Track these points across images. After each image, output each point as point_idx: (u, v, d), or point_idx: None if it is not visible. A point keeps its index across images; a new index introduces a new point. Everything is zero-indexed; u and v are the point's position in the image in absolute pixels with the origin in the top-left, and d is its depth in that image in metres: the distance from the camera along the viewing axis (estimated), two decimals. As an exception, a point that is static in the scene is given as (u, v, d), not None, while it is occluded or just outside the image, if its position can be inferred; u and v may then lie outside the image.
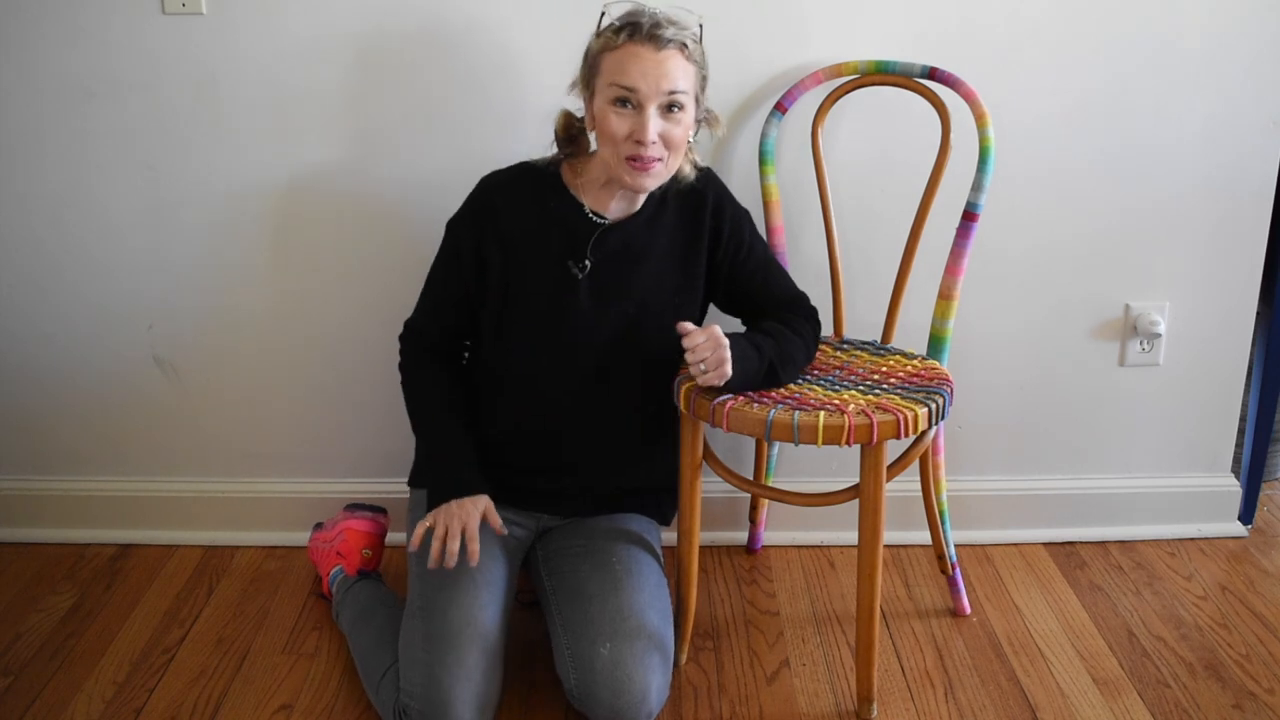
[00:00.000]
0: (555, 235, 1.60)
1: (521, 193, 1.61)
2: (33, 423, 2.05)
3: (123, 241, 1.93)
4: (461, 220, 1.63)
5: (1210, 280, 1.98)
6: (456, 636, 1.48)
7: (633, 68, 1.46)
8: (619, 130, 1.48)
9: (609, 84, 1.48)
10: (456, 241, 1.63)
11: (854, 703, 1.66)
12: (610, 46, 1.48)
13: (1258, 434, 2.11)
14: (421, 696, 1.45)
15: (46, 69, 1.83)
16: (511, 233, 1.59)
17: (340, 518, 1.88)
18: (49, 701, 1.66)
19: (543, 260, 1.60)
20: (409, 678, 1.48)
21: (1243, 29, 1.84)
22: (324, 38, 1.81)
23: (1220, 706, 1.64)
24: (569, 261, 1.60)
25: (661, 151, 1.49)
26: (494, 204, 1.60)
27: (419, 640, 1.50)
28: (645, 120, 1.46)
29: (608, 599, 1.55)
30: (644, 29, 1.46)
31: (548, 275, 1.60)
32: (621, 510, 1.73)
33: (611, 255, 1.61)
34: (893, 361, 1.69)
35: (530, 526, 1.72)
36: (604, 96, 1.49)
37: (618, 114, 1.48)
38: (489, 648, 1.51)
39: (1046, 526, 2.10)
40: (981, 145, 1.68)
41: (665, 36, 1.46)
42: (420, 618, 1.52)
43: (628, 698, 1.47)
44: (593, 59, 1.51)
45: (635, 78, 1.46)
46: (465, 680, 1.46)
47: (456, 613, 1.51)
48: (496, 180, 1.63)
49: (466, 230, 1.61)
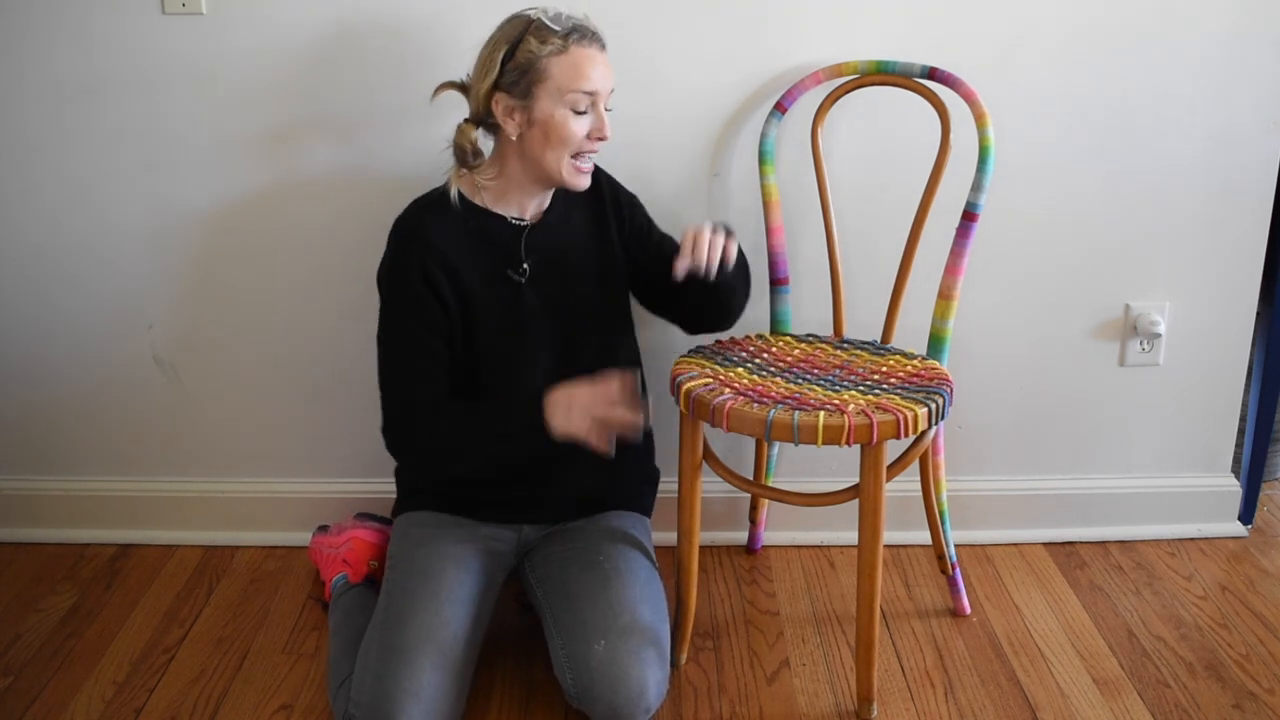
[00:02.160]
0: (485, 250, 1.59)
1: (438, 220, 1.58)
2: (33, 423, 2.05)
3: (122, 241, 1.93)
4: (396, 262, 1.58)
5: (1210, 280, 1.98)
6: (411, 651, 1.46)
7: (591, 70, 1.50)
8: (578, 132, 1.51)
9: (567, 89, 1.49)
10: (404, 281, 1.56)
11: (854, 703, 1.66)
12: (559, 51, 1.48)
13: (1258, 434, 2.11)
14: (368, 708, 1.43)
15: (46, 68, 1.83)
16: (447, 259, 1.56)
17: (349, 525, 1.88)
18: (49, 701, 1.66)
19: (484, 277, 1.59)
20: (359, 688, 1.46)
21: (1243, 29, 1.84)
22: (324, 37, 1.81)
23: (1220, 706, 1.64)
24: (508, 271, 1.60)
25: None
26: (421, 236, 1.56)
27: (375, 651, 1.48)
28: (603, 117, 1.53)
29: (598, 597, 1.55)
30: (588, 32, 1.50)
31: (493, 290, 1.60)
32: (603, 509, 1.73)
33: (544, 254, 1.63)
34: (893, 361, 1.69)
35: (511, 539, 1.71)
36: (558, 101, 1.50)
37: (576, 117, 1.51)
38: (447, 664, 1.48)
39: (1046, 526, 2.10)
40: (981, 145, 1.68)
41: (600, 38, 1.52)
42: (380, 629, 1.52)
43: (625, 694, 1.47)
44: (533, 65, 1.49)
45: (596, 80, 1.50)
46: (413, 697, 1.43)
47: (415, 627, 1.49)
48: (409, 218, 1.60)
49: (407, 266, 1.56)
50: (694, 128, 1.86)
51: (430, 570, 1.57)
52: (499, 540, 1.69)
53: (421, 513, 1.70)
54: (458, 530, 1.66)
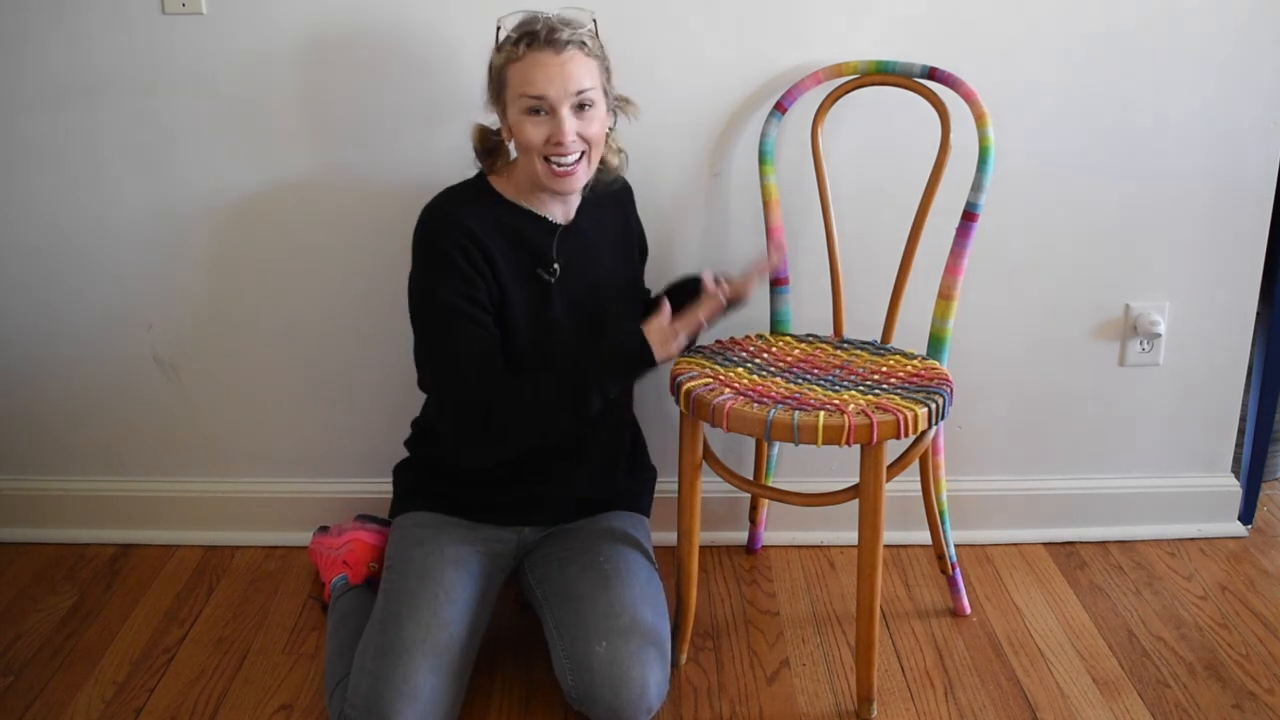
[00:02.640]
0: (518, 245, 1.58)
1: (471, 209, 1.57)
2: (33, 423, 2.05)
3: (123, 241, 1.93)
4: (435, 245, 1.54)
5: (1210, 280, 1.98)
6: (407, 653, 1.46)
7: (538, 75, 1.48)
8: (536, 137, 1.50)
9: (519, 95, 1.50)
10: (447, 260, 1.52)
11: (854, 703, 1.66)
12: (512, 59, 1.49)
13: (1258, 434, 2.11)
14: (363, 709, 1.43)
15: (46, 69, 1.83)
16: (482, 245, 1.54)
17: (349, 526, 1.88)
18: (49, 701, 1.66)
19: (515, 272, 1.58)
20: (355, 688, 1.46)
21: (1243, 29, 1.84)
22: (324, 37, 1.81)
23: (1220, 706, 1.64)
24: (538, 269, 1.60)
25: (580, 147, 1.53)
26: (456, 220, 1.54)
27: (372, 651, 1.48)
28: (561, 122, 1.49)
29: (598, 597, 1.55)
30: (541, 36, 1.48)
31: (523, 286, 1.59)
32: (602, 510, 1.73)
33: (574, 256, 1.63)
34: (893, 361, 1.69)
35: (511, 541, 1.70)
36: (516, 108, 1.51)
37: (533, 123, 1.50)
38: (445, 665, 1.48)
39: (1046, 526, 2.10)
40: (981, 145, 1.68)
41: (563, 39, 1.48)
42: (377, 629, 1.51)
43: (627, 694, 1.47)
44: (497, 74, 1.53)
45: (543, 85, 1.48)
46: (409, 698, 1.43)
47: (413, 627, 1.49)
48: (442, 204, 1.58)
49: (446, 247, 1.52)
50: (694, 128, 1.86)
51: (429, 571, 1.57)
52: (498, 542, 1.69)
53: (421, 513, 1.70)
54: (457, 531, 1.66)
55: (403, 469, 1.78)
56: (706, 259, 1.91)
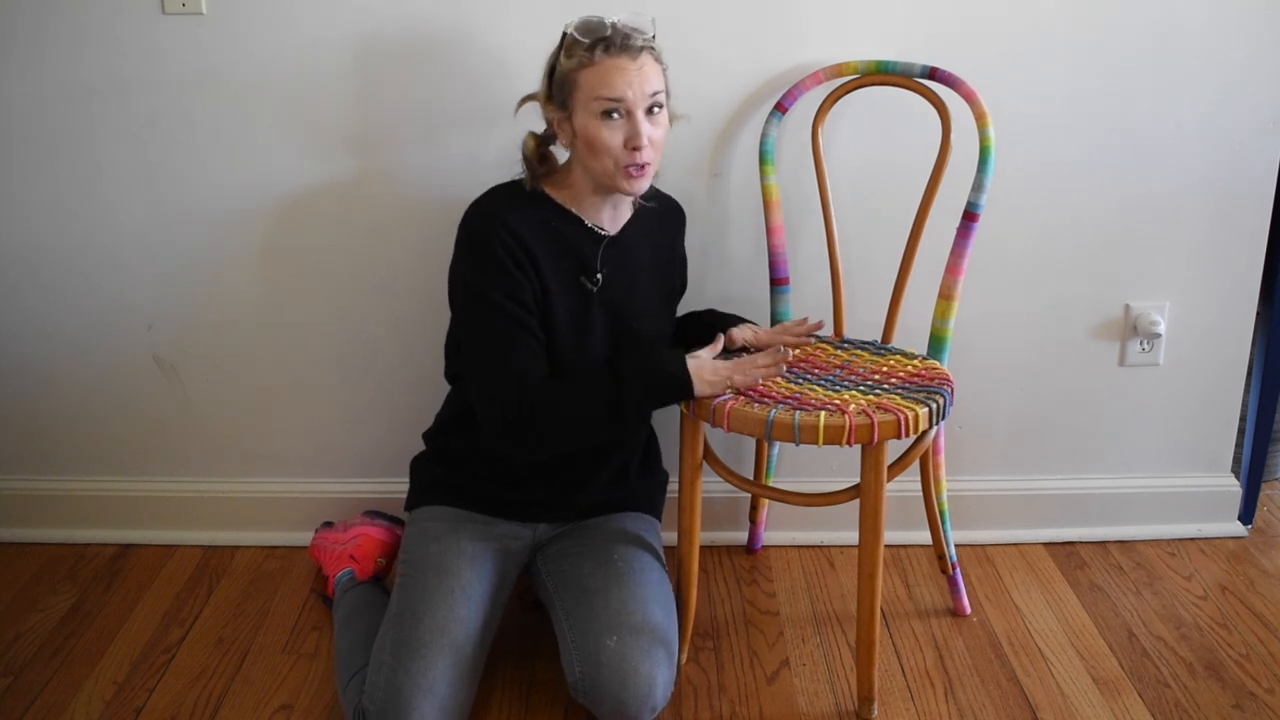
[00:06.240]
0: (563, 251, 1.58)
1: (516, 210, 1.57)
2: (33, 423, 2.05)
3: (123, 241, 1.93)
4: (482, 244, 1.53)
5: (1210, 280, 1.98)
6: (426, 646, 1.48)
7: (617, 79, 1.48)
8: (613, 141, 1.50)
9: (594, 99, 1.49)
10: (494, 260, 1.52)
11: (854, 703, 1.66)
12: (585, 64, 1.49)
13: (1258, 434, 2.11)
14: (381, 702, 1.44)
15: (47, 69, 1.83)
16: (527, 247, 1.54)
17: (357, 521, 1.88)
18: (49, 701, 1.66)
19: (559, 277, 1.58)
20: (373, 681, 1.47)
21: (1243, 29, 1.84)
22: (325, 38, 1.81)
23: (1220, 706, 1.64)
24: (581, 277, 1.60)
25: (652, 154, 1.53)
26: (502, 219, 1.54)
27: (389, 645, 1.50)
28: (638, 125, 1.50)
29: (610, 594, 1.56)
30: (616, 42, 1.49)
31: (565, 293, 1.59)
32: (617, 510, 1.74)
33: (617, 267, 1.63)
34: (893, 361, 1.69)
35: (526, 537, 1.71)
36: (589, 112, 1.50)
37: (609, 126, 1.50)
38: (460, 660, 1.50)
39: (1046, 526, 2.10)
40: (981, 145, 1.68)
41: (636, 44, 1.50)
42: (394, 623, 1.52)
43: (634, 690, 1.48)
44: (566, 78, 1.52)
45: (621, 88, 1.48)
46: (428, 692, 1.45)
47: (430, 622, 1.50)
48: (488, 203, 1.58)
49: (493, 247, 1.52)
50: (694, 128, 1.85)
51: (446, 567, 1.58)
52: (514, 538, 1.70)
53: (438, 507, 1.70)
54: (474, 527, 1.66)
55: (420, 462, 1.78)
56: (707, 259, 1.91)
